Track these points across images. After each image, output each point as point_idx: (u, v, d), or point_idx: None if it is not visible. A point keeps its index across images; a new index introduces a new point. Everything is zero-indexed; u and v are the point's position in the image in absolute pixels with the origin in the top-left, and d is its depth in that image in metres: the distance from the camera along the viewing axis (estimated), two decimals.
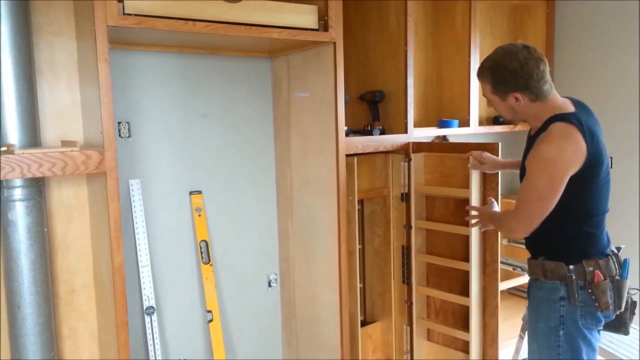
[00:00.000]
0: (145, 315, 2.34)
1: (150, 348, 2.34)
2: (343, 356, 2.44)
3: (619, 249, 1.93)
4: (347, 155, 2.38)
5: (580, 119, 1.77)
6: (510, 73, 1.80)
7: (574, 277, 1.81)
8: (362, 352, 2.64)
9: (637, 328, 2.79)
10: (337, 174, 2.34)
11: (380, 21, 2.73)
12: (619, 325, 1.93)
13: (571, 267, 1.82)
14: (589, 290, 1.80)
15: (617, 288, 1.83)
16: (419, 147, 2.63)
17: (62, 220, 2.08)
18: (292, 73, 2.53)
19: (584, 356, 1.84)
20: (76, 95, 2.05)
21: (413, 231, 2.65)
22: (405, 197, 2.67)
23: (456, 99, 3.08)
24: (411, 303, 2.72)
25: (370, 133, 2.61)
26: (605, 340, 2.65)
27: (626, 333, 1.94)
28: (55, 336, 2.00)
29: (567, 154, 1.71)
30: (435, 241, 2.66)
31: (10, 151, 1.66)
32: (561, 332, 1.84)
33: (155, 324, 2.35)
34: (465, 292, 2.50)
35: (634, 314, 1.93)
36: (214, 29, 1.94)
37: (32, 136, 1.87)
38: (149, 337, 2.34)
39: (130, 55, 2.28)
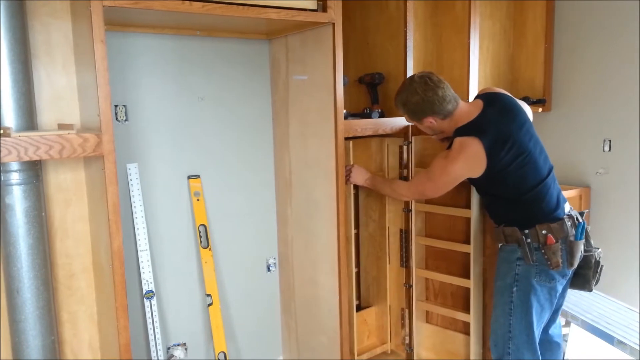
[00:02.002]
0: (145, 300, 2.34)
1: (150, 332, 2.35)
2: (342, 338, 2.45)
3: (582, 213, 2.20)
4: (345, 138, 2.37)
5: (481, 125, 2.05)
6: (415, 106, 2.14)
7: (527, 240, 2.09)
8: (357, 336, 2.65)
9: (637, 310, 2.82)
10: (336, 157, 2.33)
11: (380, 3, 2.70)
12: (583, 283, 2.20)
13: (526, 231, 2.10)
14: (542, 251, 2.08)
15: (570, 248, 2.09)
16: (418, 129, 2.60)
17: (60, 205, 2.07)
18: (291, 55, 2.51)
19: (533, 311, 2.10)
20: (72, 78, 2.03)
21: (413, 214, 2.65)
22: (405, 180, 2.66)
23: (455, 81, 3.04)
24: (410, 286, 2.72)
25: (369, 116, 2.60)
26: (603, 322, 2.66)
27: (589, 290, 2.21)
28: (55, 320, 1.99)
29: (460, 169, 2.07)
30: (434, 224, 2.66)
31: (6, 134, 1.64)
32: (514, 289, 2.13)
33: (154, 308, 2.35)
34: (465, 274, 2.51)
35: (597, 272, 2.19)
36: (210, 9, 1.91)
37: (29, 119, 1.85)
38: (149, 321, 2.34)
39: (126, 37, 2.25)
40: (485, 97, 2.18)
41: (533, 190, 2.10)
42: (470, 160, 2.05)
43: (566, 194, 3.19)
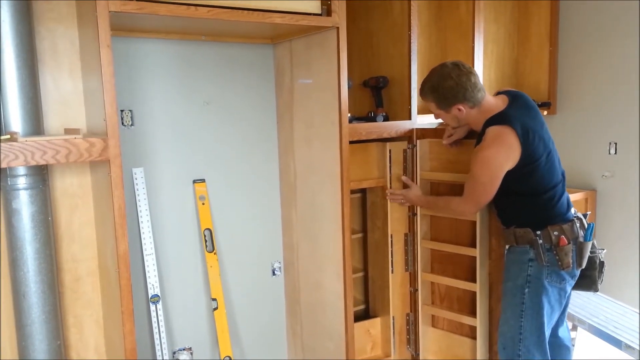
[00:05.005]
0: (150, 304, 2.34)
1: (156, 336, 2.35)
2: (348, 343, 2.44)
3: (585, 215, 2.22)
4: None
5: (511, 116, 2.06)
6: (448, 90, 2.11)
7: (540, 240, 2.10)
8: (358, 346, 2.63)
9: (638, 312, 2.80)
10: (340, 160, 2.33)
11: (384, 6, 2.71)
12: (589, 284, 2.22)
13: (538, 232, 2.11)
14: (554, 252, 2.09)
15: (579, 249, 2.11)
16: (423, 133, 2.61)
17: (66, 209, 2.07)
18: (295, 59, 2.52)
19: (544, 312, 2.11)
20: (78, 83, 2.04)
21: (418, 218, 2.64)
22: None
23: None
24: (415, 290, 2.71)
25: (373, 119, 2.60)
26: (611, 326, 2.65)
27: (596, 290, 2.24)
28: (61, 324, 2.00)
29: (500, 156, 2.04)
30: (440, 227, 2.65)
31: (13, 139, 1.65)
32: (526, 290, 2.13)
33: (160, 312, 2.35)
34: (471, 278, 2.50)
35: (602, 272, 2.22)
36: (216, 14, 1.92)
37: (35, 124, 1.86)
38: (154, 325, 2.35)
39: (132, 42, 2.26)
40: (508, 93, 2.20)
41: (552, 190, 2.12)
42: (507, 147, 2.03)
43: (572, 197, 3.17)
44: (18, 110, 1.80)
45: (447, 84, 2.10)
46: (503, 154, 2.03)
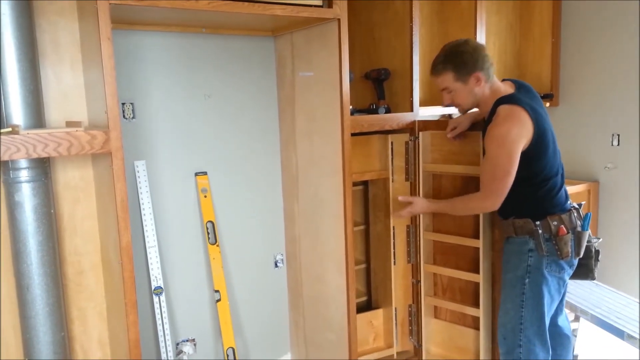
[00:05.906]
0: (154, 296, 2.35)
1: (159, 328, 2.36)
2: (350, 334, 2.45)
3: (580, 204, 2.22)
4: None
5: (521, 99, 2.06)
6: (468, 55, 2.09)
7: (540, 230, 2.10)
8: (360, 337, 2.63)
9: (638, 301, 2.81)
10: (342, 153, 2.33)
11: None
12: (587, 272, 2.22)
13: (537, 222, 2.10)
14: (553, 242, 2.10)
15: (577, 238, 2.12)
16: (425, 125, 2.60)
17: (69, 202, 2.08)
18: (296, 52, 2.51)
19: (545, 302, 2.12)
20: (80, 76, 2.04)
21: None
22: (412, 176, 2.65)
23: None
24: (418, 281, 2.72)
25: (375, 112, 2.60)
26: (613, 316, 2.65)
27: (593, 278, 2.24)
28: (65, 317, 2.01)
29: (514, 132, 2.00)
30: (442, 219, 2.65)
31: (15, 132, 1.65)
32: (527, 281, 2.13)
33: (163, 304, 2.36)
34: (473, 269, 2.50)
35: (598, 260, 2.23)
36: (216, 6, 1.92)
37: (37, 117, 1.87)
38: (158, 317, 2.36)
39: (132, 35, 2.26)
40: (514, 81, 2.21)
41: (554, 179, 2.12)
42: (519, 122, 2.01)
43: (575, 188, 3.18)
44: (19, 103, 1.81)
45: (466, 49, 2.10)
46: (517, 129, 2.00)
